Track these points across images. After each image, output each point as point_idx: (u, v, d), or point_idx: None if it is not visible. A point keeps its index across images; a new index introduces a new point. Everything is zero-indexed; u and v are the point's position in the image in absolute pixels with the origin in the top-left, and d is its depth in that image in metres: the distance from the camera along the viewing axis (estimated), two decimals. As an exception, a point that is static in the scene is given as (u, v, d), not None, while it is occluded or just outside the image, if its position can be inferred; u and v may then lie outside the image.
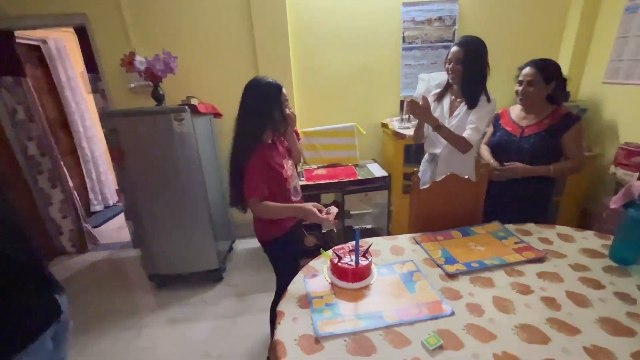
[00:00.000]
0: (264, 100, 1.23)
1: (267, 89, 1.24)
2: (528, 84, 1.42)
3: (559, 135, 1.41)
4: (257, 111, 1.23)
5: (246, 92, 1.26)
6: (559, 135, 1.41)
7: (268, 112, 1.24)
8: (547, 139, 1.42)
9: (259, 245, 2.67)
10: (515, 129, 1.52)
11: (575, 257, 1.14)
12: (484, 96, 1.51)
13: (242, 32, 2.34)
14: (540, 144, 1.42)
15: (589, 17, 2.48)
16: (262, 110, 1.23)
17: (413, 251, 1.23)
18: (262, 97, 1.23)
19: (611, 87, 2.40)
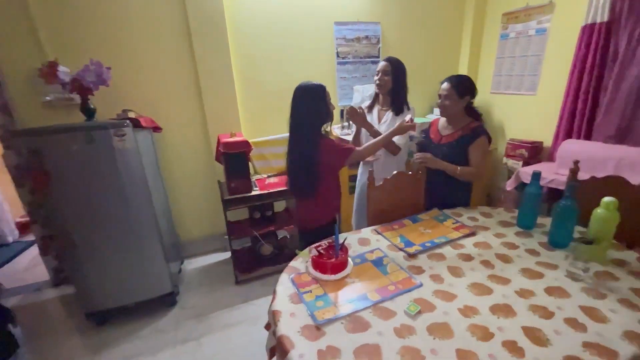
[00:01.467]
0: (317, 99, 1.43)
1: (318, 89, 1.43)
2: (444, 97, 1.63)
3: (466, 145, 1.60)
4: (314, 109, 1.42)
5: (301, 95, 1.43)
6: (466, 145, 1.60)
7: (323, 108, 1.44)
8: (456, 148, 1.61)
9: (210, 262, 2.63)
10: (437, 137, 1.74)
11: (495, 228, 1.47)
12: (405, 105, 1.84)
13: (180, 43, 2.26)
14: (450, 151, 1.62)
15: (476, 42, 3.12)
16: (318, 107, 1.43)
17: (377, 241, 1.41)
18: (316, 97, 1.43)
19: (497, 96, 3.06)
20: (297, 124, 1.44)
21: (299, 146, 1.46)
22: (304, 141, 1.44)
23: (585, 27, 2.21)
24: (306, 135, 1.43)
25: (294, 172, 1.52)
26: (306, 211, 1.58)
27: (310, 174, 1.45)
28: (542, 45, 2.58)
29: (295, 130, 1.46)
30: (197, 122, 2.47)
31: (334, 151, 1.45)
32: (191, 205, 2.63)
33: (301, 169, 1.47)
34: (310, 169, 1.44)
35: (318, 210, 1.55)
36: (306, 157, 1.44)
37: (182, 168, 2.53)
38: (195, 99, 2.41)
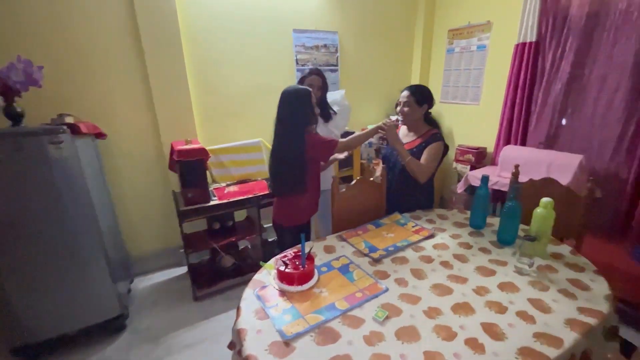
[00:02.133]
0: (305, 103, 1.52)
1: (305, 93, 1.53)
2: (404, 104, 1.70)
3: (423, 150, 1.65)
4: (301, 111, 1.51)
5: (289, 98, 1.52)
6: (423, 150, 1.65)
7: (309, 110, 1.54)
8: (416, 155, 1.66)
9: (165, 278, 2.44)
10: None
11: (451, 229, 1.56)
12: (332, 110, 2.07)
13: (127, 42, 2.09)
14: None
15: (426, 55, 3.34)
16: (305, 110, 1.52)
17: (342, 247, 1.42)
18: (304, 100, 1.52)
19: (445, 105, 3.29)
20: (285, 125, 1.52)
21: (286, 146, 1.53)
22: (292, 140, 1.51)
23: (518, 45, 2.48)
24: (294, 135, 1.50)
25: (280, 171, 1.58)
26: (291, 208, 1.65)
27: (299, 170, 1.54)
28: (483, 60, 2.84)
29: (282, 131, 1.53)
30: (148, 129, 2.30)
31: (320, 144, 1.54)
32: (143, 217, 2.42)
33: (289, 167, 1.54)
34: (298, 165, 1.53)
35: (304, 206, 1.66)
36: (294, 154, 1.51)
37: (132, 178, 2.32)
38: (145, 104, 2.24)
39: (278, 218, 1.71)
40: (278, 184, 1.63)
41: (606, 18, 2.02)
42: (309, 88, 1.57)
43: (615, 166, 2.11)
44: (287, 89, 1.54)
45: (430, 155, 1.65)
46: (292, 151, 1.52)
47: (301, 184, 1.57)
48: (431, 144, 1.67)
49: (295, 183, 1.57)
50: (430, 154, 1.66)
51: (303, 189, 1.58)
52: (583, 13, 2.11)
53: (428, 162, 1.65)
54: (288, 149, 1.53)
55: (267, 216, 2.43)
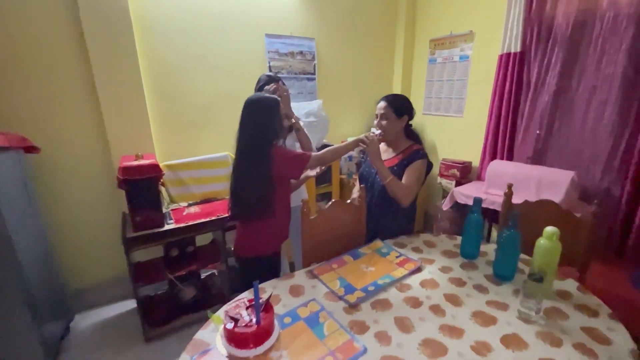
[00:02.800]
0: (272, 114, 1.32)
1: (272, 103, 1.34)
2: (381, 117, 1.50)
3: (405, 168, 1.47)
4: (268, 123, 1.31)
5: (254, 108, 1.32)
6: (405, 167, 1.47)
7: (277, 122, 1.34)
8: (398, 173, 1.47)
9: (113, 314, 2.10)
10: None
11: (440, 260, 1.34)
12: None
13: (68, 42, 1.81)
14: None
15: (408, 64, 3.21)
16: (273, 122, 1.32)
17: (312, 287, 1.17)
18: (271, 111, 1.33)
19: (428, 117, 3.15)
20: (249, 139, 1.31)
21: (250, 163, 1.31)
22: (257, 156, 1.30)
23: (502, 56, 2.37)
24: (259, 150, 1.30)
25: (242, 192, 1.35)
26: (256, 236, 1.41)
27: (265, 191, 1.32)
28: (466, 71, 2.72)
29: (245, 146, 1.32)
30: (94, 141, 1.99)
31: (289, 159, 1.34)
32: (87, 243, 2.09)
33: (253, 187, 1.32)
34: (264, 184, 1.31)
35: (270, 234, 1.43)
36: (259, 173, 1.30)
37: (73, 198, 2.00)
38: (91, 112, 1.95)
39: (240, 248, 1.44)
40: (240, 207, 1.38)
41: (593, 27, 1.93)
42: (277, 97, 1.39)
43: (607, 183, 1.98)
44: (252, 97, 1.34)
45: (412, 174, 1.46)
46: (257, 168, 1.30)
47: (268, 206, 1.34)
48: (414, 161, 1.48)
49: (260, 206, 1.33)
50: (412, 174, 1.46)
51: (270, 213, 1.35)
52: (569, 22, 2.02)
53: (411, 183, 1.45)
54: (252, 165, 1.31)
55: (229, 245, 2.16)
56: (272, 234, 1.44)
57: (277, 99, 1.36)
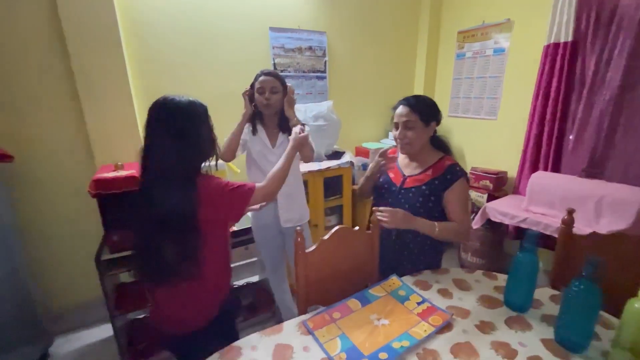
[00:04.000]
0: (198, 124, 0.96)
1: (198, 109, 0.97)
2: (404, 126, 1.18)
3: (441, 191, 1.17)
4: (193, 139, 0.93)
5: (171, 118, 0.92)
6: (440, 191, 1.17)
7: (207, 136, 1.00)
8: (427, 196, 1.17)
9: (94, 339, 1.89)
10: (398, 177, 1.26)
11: (478, 311, 1.01)
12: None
13: (44, 42, 1.62)
14: (418, 200, 1.17)
15: (432, 61, 2.85)
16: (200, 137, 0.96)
17: (305, 349, 0.87)
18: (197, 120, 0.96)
19: (455, 120, 2.78)
20: (164, 164, 0.90)
21: (166, 200, 0.89)
22: (176, 190, 0.90)
23: (548, 46, 1.98)
24: (180, 181, 0.91)
25: (155, 245, 0.92)
26: (181, 305, 0.99)
27: (188, 241, 0.91)
28: (501, 66, 2.34)
29: (158, 175, 0.91)
30: (76, 149, 1.80)
31: (225, 193, 0.95)
32: (67, 261, 1.89)
33: (173, 236, 0.91)
34: (188, 232, 0.91)
35: (202, 300, 1.00)
36: (181, 214, 0.89)
37: (52, 212, 1.81)
38: (72, 118, 1.75)
39: (155, 320, 1.04)
40: (150, 265, 0.95)
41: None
42: (203, 103, 1.00)
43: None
44: (166, 101, 0.93)
45: (460, 204, 1.17)
46: (178, 208, 0.89)
47: (192, 263, 0.92)
48: (453, 182, 1.16)
49: (181, 263, 0.92)
50: (460, 203, 1.16)
51: (196, 273, 0.93)
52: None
53: (462, 216, 1.16)
54: (173, 203, 0.89)
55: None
56: (209, 298, 1.02)
57: (204, 105, 0.99)
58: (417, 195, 1.19)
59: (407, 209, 1.15)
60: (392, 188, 1.26)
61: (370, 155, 2.48)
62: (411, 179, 1.22)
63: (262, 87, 1.42)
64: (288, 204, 1.57)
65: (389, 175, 1.30)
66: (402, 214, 1.10)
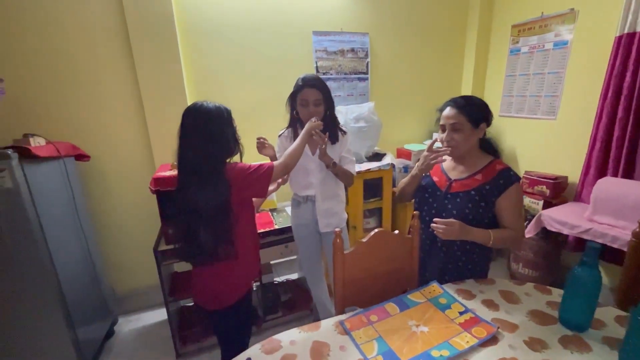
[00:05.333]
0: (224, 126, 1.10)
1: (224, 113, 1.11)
2: (451, 129, 1.14)
3: (493, 197, 1.12)
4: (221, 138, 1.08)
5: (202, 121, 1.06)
6: (492, 197, 1.12)
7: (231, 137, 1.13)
8: (477, 202, 1.12)
9: (152, 320, 2.09)
10: (442, 181, 1.22)
11: (527, 327, 0.94)
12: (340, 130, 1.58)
13: (116, 52, 1.84)
14: (467, 206, 1.13)
15: (482, 58, 2.69)
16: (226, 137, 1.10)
17: (341, 349, 0.89)
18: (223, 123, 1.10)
19: (507, 120, 2.60)
20: (197, 160, 1.05)
21: (203, 189, 1.04)
22: (211, 180, 1.05)
23: (621, 37, 1.77)
24: (213, 173, 1.06)
25: (194, 228, 1.08)
26: (219, 283, 1.16)
27: (224, 225, 1.08)
28: (563, 61, 2.14)
29: (193, 170, 1.05)
30: (140, 149, 2.01)
31: (249, 174, 1.11)
32: (132, 249, 2.12)
33: (210, 222, 1.07)
34: (222, 217, 1.07)
35: (237, 276, 1.17)
36: (216, 201, 1.05)
37: (119, 205, 2.04)
38: (137, 121, 1.96)
39: (200, 299, 1.21)
40: (193, 249, 1.11)
41: None
42: (228, 108, 1.13)
43: None
44: (197, 106, 1.07)
45: (515, 210, 1.11)
46: (212, 196, 1.04)
47: (229, 244, 1.10)
48: (506, 188, 1.11)
49: (218, 245, 1.09)
50: (514, 210, 1.11)
51: (233, 253, 1.11)
52: None
53: (517, 223, 1.12)
54: (206, 192, 1.04)
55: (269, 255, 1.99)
56: (243, 273, 1.20)
57: (228, 109, 1.12)
58: (465, 201, 1.14)
59: (454, 215, 1.11)
60: (436, 192, 1.22)
61: (412, 157, 2.41)
62: (458, 184, 1.18)
63: (306, 99, 1.43)
64: (327, 209, 1.59)
65: (433, 179, 1.27)
66: (459, 226, 1.06)
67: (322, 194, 1.57)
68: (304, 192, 1.60)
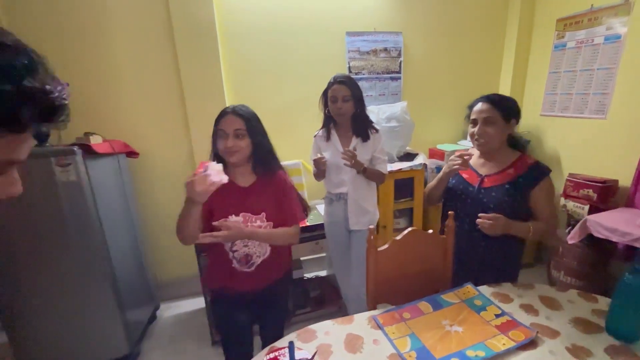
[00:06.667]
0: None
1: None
2: (484, 122, 1.16)
3: (527, 190, 1.15)
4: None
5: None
6: (526, 189, 1.15)
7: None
8: (512, 194, 1.15)
9: (191, 308, 2.22)
10: (473, 177, 1.25)
11: (570, 334, 0.91)
12: (372, 127, 1.59)
13: (162, 54, 1.98)
14: (503, 199, 1.16)
15: (522, 54, 2.57)
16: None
17: (374, 342, 0.91)
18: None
19: (549, 119, 2.46)
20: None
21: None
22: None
23: (684, 29, 1.62)
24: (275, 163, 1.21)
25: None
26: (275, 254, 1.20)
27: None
28: (615, 56, 1.99)
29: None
30: (182, 145, 2.14)
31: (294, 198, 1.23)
32: (172, 240, 2.25)
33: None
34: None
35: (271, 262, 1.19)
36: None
37: (163, 199, 2.19)
38: (179, 119, 2.10)
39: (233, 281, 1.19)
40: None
41: None
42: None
43: None
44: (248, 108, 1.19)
45: (549, 202, 1.16)
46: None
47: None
48: (539, 180, 1.15)
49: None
50: (548, 201, 1.16)
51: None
52: None
53: (549, 214, 1.16)
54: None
55: (300, 251, 2.05)
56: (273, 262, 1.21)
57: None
58: (501, 194, 1.16)
59: (491, 209, 1.13)
60: (468, 188, 1.24)
61: (445, 158, 2.36)
62: (490, 179, 1.20)
63: (335, 95, 1.49)
64: (358, 208, 1.62)
65: (463, 176, 1.28)
66: (504, 220, 1.09)
67: (354, 192, 1.61)
68: (336, 189, 1.64)
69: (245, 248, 1.15)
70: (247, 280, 1.15)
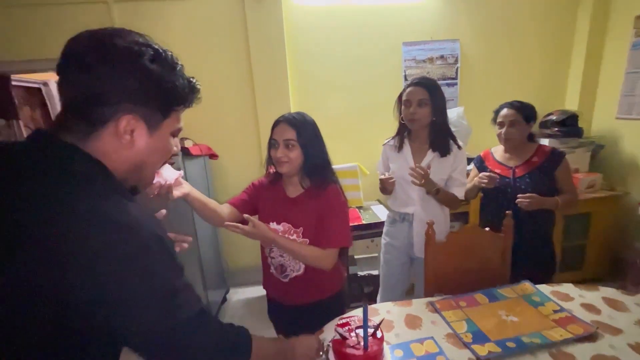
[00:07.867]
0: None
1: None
2: (510, 124, 1.46)
3: (552, 171, 1.45)
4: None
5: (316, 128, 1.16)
6: (551, 171, 1.45)
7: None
8: (542, 177, 1.44)
9: (256, 295, 2.49)
10: (506, 171, 1.52)
11: (634, 332, 0.92)
12: (453, 142, 1.40)
13: (241, 70, 2.30)
14: (537, 182, 1.43)
15: (595, 53, 2.44)
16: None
17: (432, 323, 1.03)
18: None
19: (626, 123, 2.29)
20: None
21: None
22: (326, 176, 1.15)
23: None
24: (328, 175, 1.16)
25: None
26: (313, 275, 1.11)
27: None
28: None
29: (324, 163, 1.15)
30: (252, 148, 2.44)
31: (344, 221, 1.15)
32: (241, 233, 2.57)
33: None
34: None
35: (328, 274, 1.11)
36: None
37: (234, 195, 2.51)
38: (251, 124, 2.39)
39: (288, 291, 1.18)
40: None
41: None
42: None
43: None
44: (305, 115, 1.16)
45: (569, 178, 1.48)
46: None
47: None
48: (559, 163, 1.45)
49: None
50: (569, 176, 1.48)
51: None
52: None
53: (572, 188, 1.48)
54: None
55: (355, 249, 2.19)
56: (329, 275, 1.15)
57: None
58: (535, 179, 1.43)
59: (529, 192, 1.37)
60: (505, 180, 1.49)
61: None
62: (520, 168, 1.48)
63: (409, 99, 1.32)
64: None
65: (495, 172, 1.50)
66: (537, 197, 1.35)
67: (423, 213, 1.39)
68: (401, 208, 1.45)
69: (280, 258, 1.12)
70: (283, 289, 1.14)
